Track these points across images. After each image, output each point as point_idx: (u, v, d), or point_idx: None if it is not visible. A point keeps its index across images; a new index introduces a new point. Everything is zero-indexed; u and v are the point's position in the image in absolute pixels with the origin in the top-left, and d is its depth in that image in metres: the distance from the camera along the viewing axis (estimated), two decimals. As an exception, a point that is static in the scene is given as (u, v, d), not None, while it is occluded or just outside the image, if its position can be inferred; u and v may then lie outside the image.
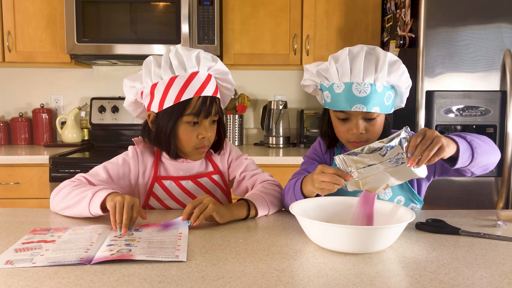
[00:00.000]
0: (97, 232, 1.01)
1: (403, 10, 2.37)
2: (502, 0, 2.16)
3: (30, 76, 3.01)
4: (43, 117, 2.91)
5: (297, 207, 1.02)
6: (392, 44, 2.46)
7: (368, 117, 1.20)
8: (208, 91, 1.20)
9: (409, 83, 1.23)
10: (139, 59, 2.66)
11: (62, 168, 2.32)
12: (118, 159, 1.31)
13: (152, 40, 2.55)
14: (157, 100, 1.20)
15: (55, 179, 2.31)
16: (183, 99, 1.18)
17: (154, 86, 1.21)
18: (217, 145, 1.35)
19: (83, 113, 2.94)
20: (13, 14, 2.59)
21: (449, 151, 1.02)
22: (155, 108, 1.22)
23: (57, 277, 0.77)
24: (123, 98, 2.96)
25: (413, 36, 2.23)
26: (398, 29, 2.43)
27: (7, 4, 2.58)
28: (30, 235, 1.01)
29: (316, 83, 1.29)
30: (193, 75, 1.19)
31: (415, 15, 2.23)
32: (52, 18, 2.61)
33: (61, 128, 2.87)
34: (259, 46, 2.70)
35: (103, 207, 1.09)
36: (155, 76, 1.20)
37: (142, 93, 1.25)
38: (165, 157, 1.32)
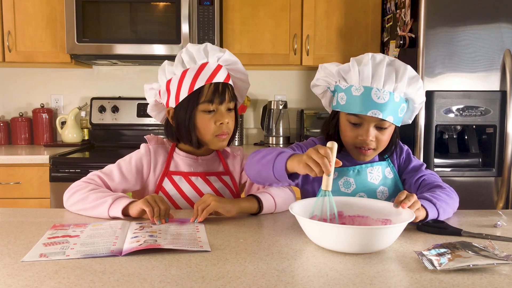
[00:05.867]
0: (117, 227, 1.05)
1: (403, 10, 2.37)
2: (502, 0, 2.16)
3: (30, 76, 3.01)
4: (43, 117, 2.91)
5: (297, 207, 1.02)
6: (392, 44, 2.46)
7: (380, 126, 1.19)
8: (219, 78, 1.26)
9: (423, 99, 1.23)
10: (139, 59, 2.66)
11: (62, 168, 2.32)
12: (131, 156, 1.34)
13: (152, 40, 2.55)
14: (173, 95, 1.27)
15: (55, 179, 2.31)
16: (196, 87, 1.24)
17: (168, 82, 1.28)
18: (231, 136, 1.36)
19: (83, 113, 2.94)
20: (13, 14, 2.59)
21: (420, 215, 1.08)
22: (172, 103, 1.28)
23: (57, 277, 0.77)
24: (123, 98, 2.96)
25: (413, 36, 2.23)
26: (398, 29, 2.43)
27: (7, 4, 2.58)
28: (52, 231, 1.04)
29: (329, 84, 1.28)
30: (203, 65, 1.26)
31: (415, 15, 2.22)
32: (52, 18, 2.61)
33: (61, 128, 2.87)
34: (259, 46, 2.70)
35: (123, 213, 1.15)
36: (168, 73, 1.29)
37: (159, 92, 1.32)
38: (178, 153, 1.35)
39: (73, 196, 1.23)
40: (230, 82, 1.30)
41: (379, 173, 1.30)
